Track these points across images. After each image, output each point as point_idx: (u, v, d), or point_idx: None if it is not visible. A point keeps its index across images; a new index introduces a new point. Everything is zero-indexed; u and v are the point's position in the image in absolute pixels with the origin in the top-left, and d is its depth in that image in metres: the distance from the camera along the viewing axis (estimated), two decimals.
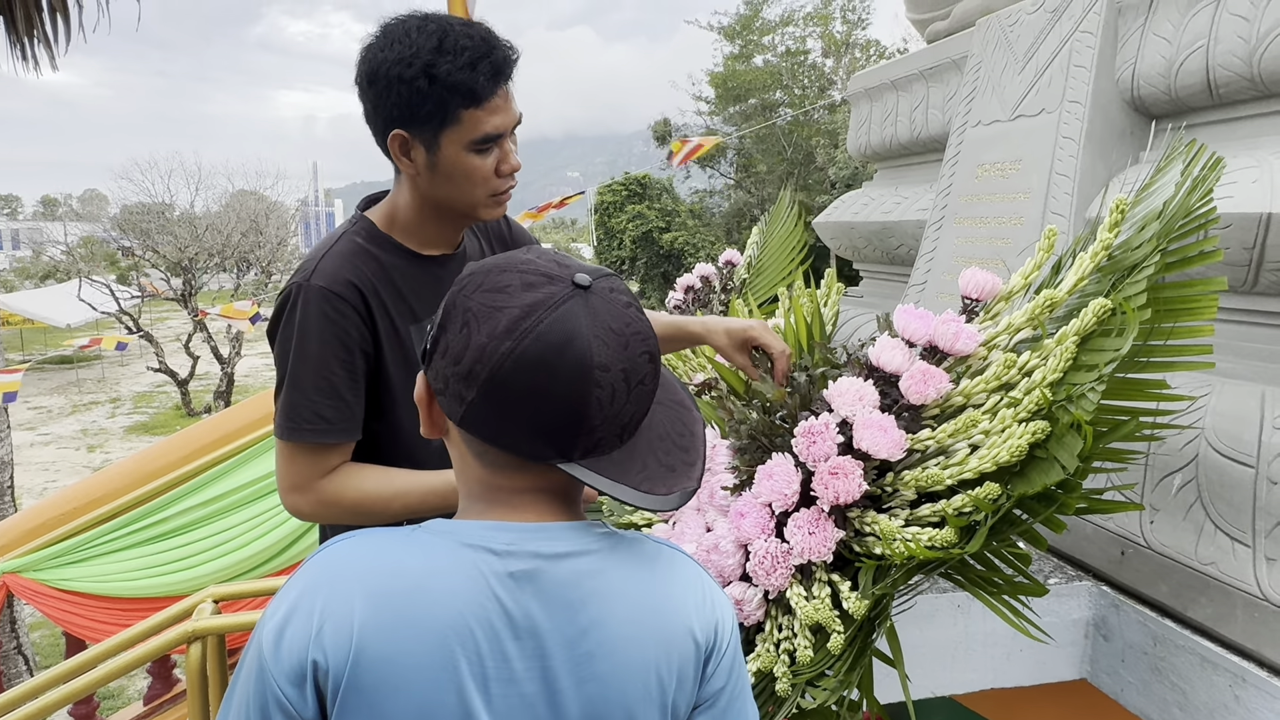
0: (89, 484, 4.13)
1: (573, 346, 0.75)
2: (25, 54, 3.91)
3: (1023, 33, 2.08)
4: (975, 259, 2.09)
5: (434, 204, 1.40)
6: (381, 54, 1.26)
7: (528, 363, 0.74)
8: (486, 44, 1.28)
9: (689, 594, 0.83)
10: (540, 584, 0.76)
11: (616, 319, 0.78)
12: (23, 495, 8.55)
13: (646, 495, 0.77)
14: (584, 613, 0.77)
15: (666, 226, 23.64)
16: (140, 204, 21.52)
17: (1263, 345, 1.45)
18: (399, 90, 1.26)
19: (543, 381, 0.74)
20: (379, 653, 0.72)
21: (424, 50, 1.24)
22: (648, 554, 0.84)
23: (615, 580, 0.79)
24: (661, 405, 0.85)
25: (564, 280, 0.78)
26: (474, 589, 0.75)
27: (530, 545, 0.78)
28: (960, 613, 1.43)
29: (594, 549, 0.80)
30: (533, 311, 0.76)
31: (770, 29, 23.00)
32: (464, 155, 1.32)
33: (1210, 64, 1.57)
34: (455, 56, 1.25)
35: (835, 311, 1.74)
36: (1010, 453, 1.03)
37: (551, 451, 0.77)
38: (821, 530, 1.12)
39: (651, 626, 0.79)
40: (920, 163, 2.79)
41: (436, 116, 1.28)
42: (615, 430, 0.77)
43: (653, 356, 0.80)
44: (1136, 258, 1.12)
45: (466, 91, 1.26)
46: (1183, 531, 1.36)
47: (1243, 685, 1.23)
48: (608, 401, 0.75)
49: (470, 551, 0.76)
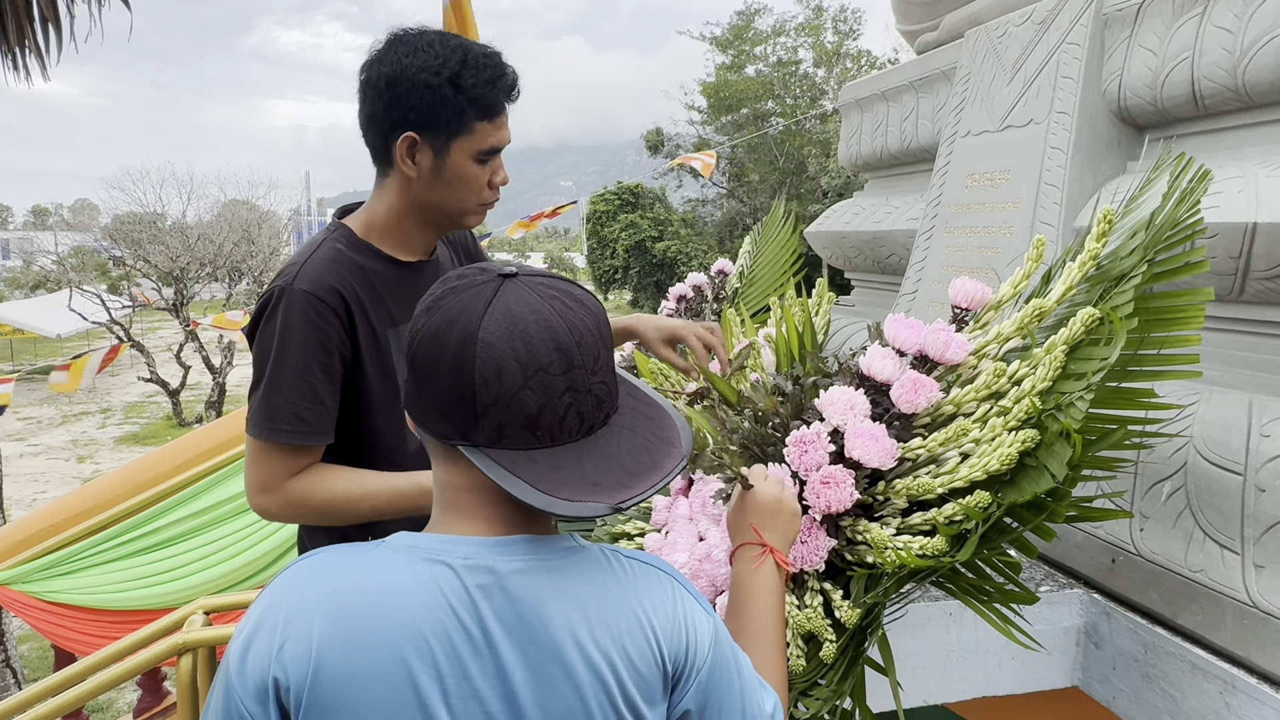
0: (79, 495, 4.11)
1: (461, 319, 0.77)
2: (16, 64, 3.90)
3: (1011, 44, 2.10)
4: (965, 268, 2.10)
5: (422, 209, 1.46)
6: (407, 59, 1.33)
7: (428, 335, 0.78)
8: (502, 66, 1.39)
9: (658, 613, 0.81)
10: (498, 599, 0.76)
11: (524, 304, 0.78)
12: (11, 506, 8.49)
13: (541, 495, 0.75)
14: (541, 628, 0.76)
15: (659, 236, 23.69)
16: (132, 213, 21.45)
17: (1250, 353, 1.46)
18: (422, 95, 1.33)
19: (435, 352, 0.77)
20: (338, 670, 0.72)
21: (451, 62, 1.33)
22: (617, 571, 0.82)
23: (574, 595, 0.78)
24: (635, 434, 0.84)
25: (498, 271, 0.81)
26: (432, 605, 0.74)
27: (487, 559, 0.77)
28: (952, 621, 1.43)
29: (554, 564, 0.79)
30: (451, 294, 0.79)
31: (762, 39, 23.14)
32: (469, 164, 1.40)
33: (1195, 75, 1.58)
34: (479, 72, 1.35)
35: (827, 321, 1.75)
36: (1000, 461, 1.04)
37: (453, 430, 0.77)
38: (813, 539, 1.13)
39: (611, 644, 0.77)
40: (911, 172, 2.80)
41: (453, 124, 1.36)
42: (521, 420, 0.76)
43: (560, 348, 0.77)
44: (1124, 267, 1.13)
45: (485, 105, 1.36)
46: (1172, 539, 1.37)
47: (1233, 692, 1.23)
48: (494, 379, 0.75)
49: (429, 566, 0.76)
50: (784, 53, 23.00)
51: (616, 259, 24.18)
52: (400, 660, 0.73)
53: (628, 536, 1.47)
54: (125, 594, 3.77)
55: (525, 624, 0.76)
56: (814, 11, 22.58)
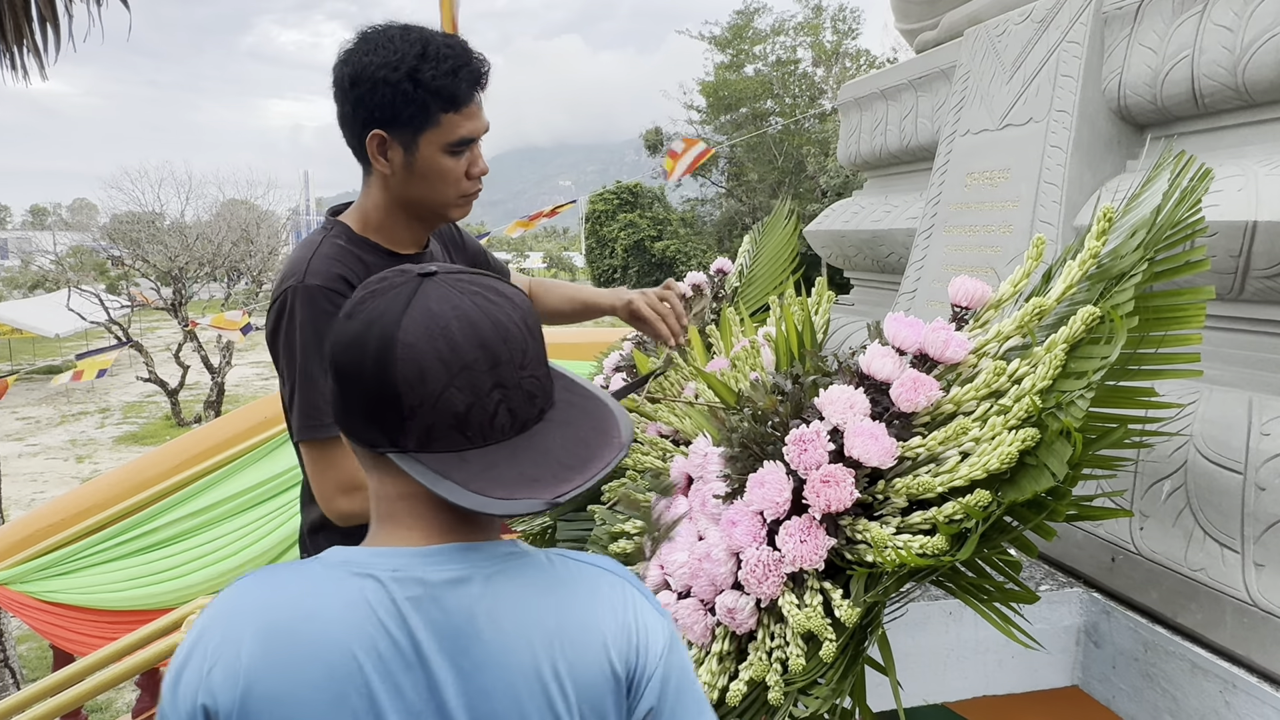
0: (77, 495, 4.11)
1: (380, 322, 0.74)
2: (15, 63, 3.89)
3: (1010, 43, 2.10)
4: (965, 267, 2.10)
5: (405, 204, 1.47)
6: (366, 58, 1.32)
7: (347, 341, 0.76)
8: (466, 54, 1.36)
9: (606, 619, 0.78)
10: (429, 613, 0.73)
11: (444, 302, 0.75)
12: (10, 506, 8.48)
13: (472, 495, 0.72)
14: (476, 641, 0.74)
15: (658, 235, 23.69)
16: (130, 213, 21.44)
17: (1250, 352, 1.46)
18: (383, 92, 1.32)
19: (356, 357, 0.75)
20: (267, 692, 0.70)
21: (409, 56, 1.31)
22: (561, 577, 0.80)
23: (513, 605, 0.76)
24: (572, 428, 0.81)
25: (417, 271, 0.79)
26: (360, 621, 0.72)
27: (416, 571, 0.75)
28: (952, 620, 1.43)
29: (489, 572, 0.76)
30: (370, 297, 0.77)
31: (761, 38, 23.13)
32: (440, 156, 1.39)
33: (1195, 74, 1.58)
34: (438, 63, 1.33)
35: (826, 320, 1.75)
36: (1000, 460, 1.04)
37: (382, 437, 0.75)
38: (813, 538, 1.13)
39: (553, 655, 0.75)
40: (910, 171, 2.80)
41: (417, 118, 1.35)
42: (449, 421, 0.74)
43: (484, 344, 0.75)
44: (1124, 266, 1.13)
45: (448, 96, 1.34)
46: (1172, 538, 1.37)
47: (1233, 691, 1.23)
48: (417, 381, 0.73)
49: (358, 581, 0.74)
50: (783, 52, 23.00)
51: (615, 258, 24.17)
52: (332, 680, 0.71)
53: (626, 535, 1.47)
54: (124, 594, 3.77)
55: (459, 636, 0.73)
56: (813, 11, 22.59)
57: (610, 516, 1.54)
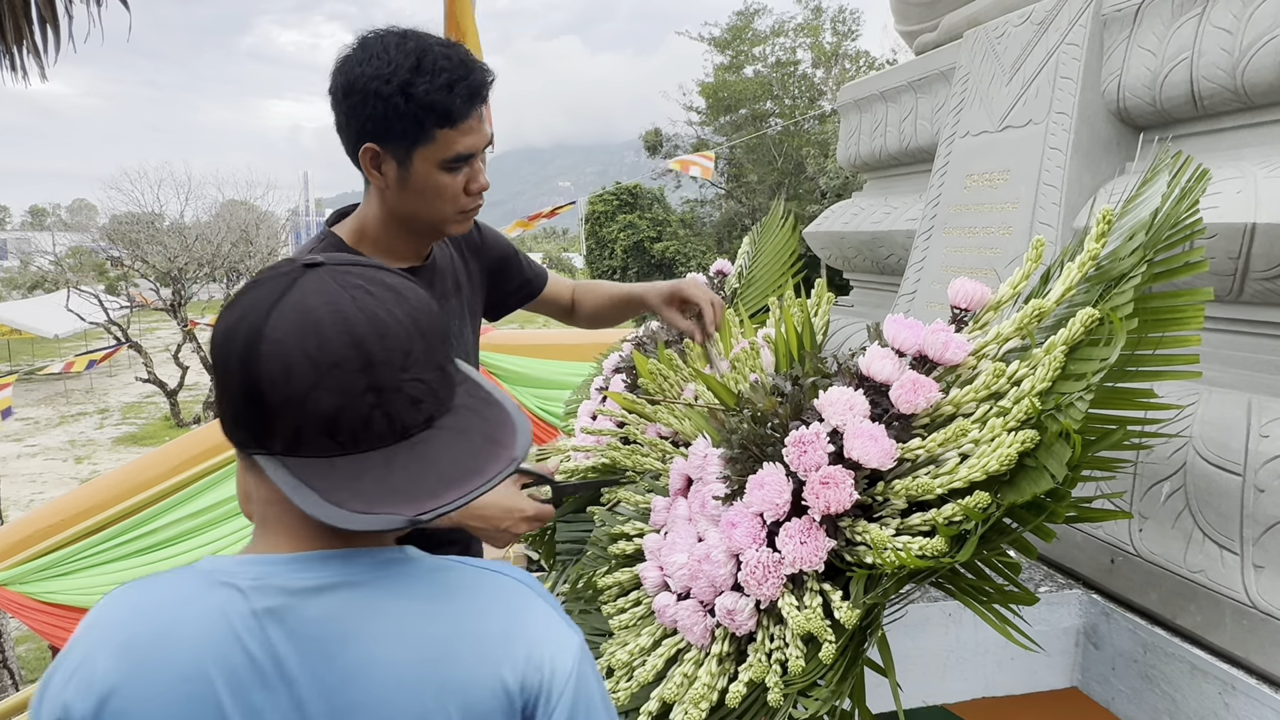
0: (76, 496, 4.11)
1: (250, 315, 0.70)
2: (14, 64, 3.89)
3: (1010, 45, 2.10)
4: (964, 268, 2.10)
5: (401, 218, 1.41)
6: (359, 68, 1.27)
7: (220, 334, 0.72)
8: (464, 66, 1.29)
9: (503, 633, 0.72)
10: (289, 624, 0.68)
11: (320, 296, 0.71)
12: (9, 507, 8.48)
13: (328, 507, 0.67)
14: (344, 656, 0.68)
15: (658, 236, 23.69)
16: (129, 214, 21.44)
17: (1249, 354, 1.46)
18: (375, 105, 1.26)
19: (225, 353, 0.71)
20: (121, 708, 0.67)
21: (402, 68, 1.25)
22: (452, 585, 0.74)
23: (387, 617, 0.70)
24: (464, 436, 0.76)
25: (303, 262, 0.74)
26: (217, 633, 0.68)
27: (277, 579, 0.70)
28: (951, 622, 1.43)
29: (362, 580, 0.71)
30: (250, 288, 0.73)
31: (761, 40, 23.14)
32: (435, 173, 1.33)
33: (1195, 76, 1.58)
34: (433, 77, 1.26)
35: (826, 321, 1.75)
36: (1000, 461, 1.04)
37: (248, 438, 0.71)
38: (813, 540, 1.13)
39: (434, 672, 0.69)
40: (909, 173, 2.80)
41: (411, 134, 1.29)
42: (317, 424, 0.69)
43: (357, 342, 0.70)
44: (1124, 267, 1.13)
45: (442, 112, 1.27)
46: (1171, 539, 1.37)
47: (1232, 693, 1.23)
48: (282, 380, 0.68)
49: (220, 590, 0.70)
50: (782, 53, 23.01)
51: (615, 259, 24.17)
52: (185, 699, 0.67)
53: (626, 537, 1.47)
54: None
55: (323, 648, 0.69)
56: (813, 12, 22.60)
57: (610, 518, 1.54)
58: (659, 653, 1.24)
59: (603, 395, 2.17)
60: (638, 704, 1.21)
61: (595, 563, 1.51)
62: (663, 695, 1.17)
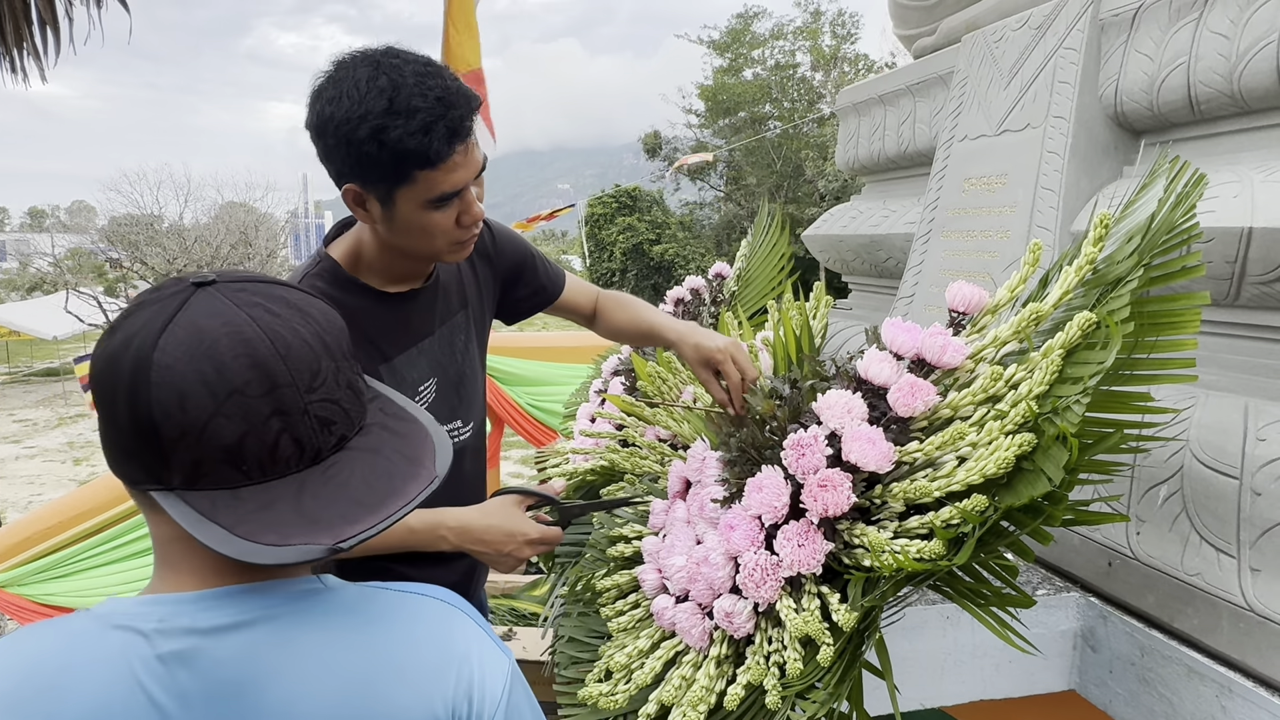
0: (75, 497, 4.10)
1: (136, 340, 0.65)
2: (14, 66, 3.89)
3: (1008, 49, 2.11)
4: (962, 272, 2.10)
5: (394, 249, 1.36)
6: (330, 108, 1.18)
7: (102, 361, 0.66)
8: (442, 104, 1.18)
9: (429, 659, 0.69)
10: (198, 667, 0.63)
11: (214, 316, 0.66)
12: (7, 509, 8.47)
13: (238, 541, 0.62)
14: (262, 698, 0.64)
15: (657, 239, 23.70)
16: (129, 215, 21.46)
17: (1246, 358, 1.46)
18: (349, 150, 1.19)
19: (110, 382, 0.65)
20: None
21: (374, 112, 1.16)
22: (372, 614, 0.70)
23: (307, 652, 0.66)
24: (378, 456, 0.72)
25: (193, 280, 0.69)
26: (116, 681, 0.62)
27: (183, 620, 0.64)
28: (949, 624, 1.43)
29: (277, 615, 0.66)
30: (135, 310, 0.67)
31: (760, 43, 23.18)
32: (420, 212, 1.26)
33: (1192, 80, 1.59)
34: (408, 119, 1.16)
35: (824, 324, 1.75)
36: (997, 465, 1.04)
37: (142, 473, 0.65)
38: (811, 542, 1.13)
39: (361, 707, 0.65)
40: (908, 176, 2.81)
41: (390, 177, 1.21)
42: (219, 454, 0.64)
43: (259, 364, 0.65)
44: (1120, 271, 1.14)
45: (423, 154, 1.18)
46: (1169, 542, 1.37)
47: (1229, 696, 1.24)
48: (176, 409, 0.63)
49: (118, 635, 0.64)
50: (781, 56, 23.05)
51: (614, 261, 24.18)
52: None
53: (625, 539, 1.48)
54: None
55: (237, 692, 0.64)
56: (812, 15, 22.64)
57: (609, 520, 1.55)
58: (657, 655, 1.24)
59: (601, 398, 2.17)
60: (636, 706, 1.21)
61: (594, 565, 1.52)
62: (661, 698, 1.18)
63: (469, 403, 1.58)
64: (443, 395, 1.51)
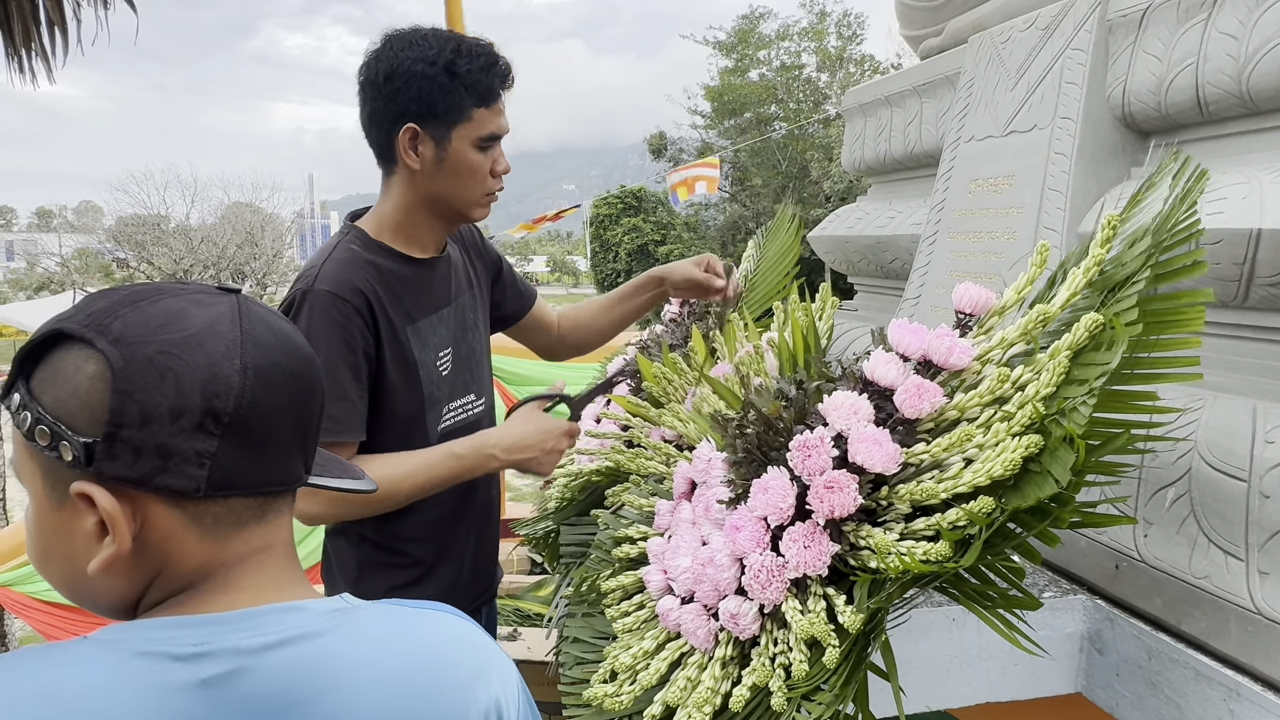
0: None
1: (293, 340, 0.69)
2: (22, 67, 3.91)
3: (1015, 50, 2.10)
4: (969, 273, 2.10)
5: (429, 201, 1.48)
6: (403, 53, 1.37)
7: (265, 370, 0.64)
8: (494, 54, 1.42)
9: (463, 666, 0.70)
10: (247, 688, 0.61)
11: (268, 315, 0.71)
12: (14, 508, 8.50)
13: (350, 480, 0.74)
14: (311, 715, 0.62)
15: (662, 239, 23.72)
16: (135, 216, 21.55)
17: (1254, 360, 1.46)
18: (420, 85, 1.36)
19: (285, 383, 0.66)
20: None
21: (445, 50, 1.37)
22: (406, 628, 0.71)
23: (352, 666, 0.65)
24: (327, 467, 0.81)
25: (217, 289, 0.70)
26: (148, 710, 0.58)
27: (229, 640, 0.62)
28: (955, 626, 1.43)
29: (322, 629, 0.66)
30: (220, 320, 0.65)
31: (766, 44, 23.17)
32: (470, 151, 1.43)
33: (1200, 81, 1.58)
34: (472, 59, 1.38)
35: (830, 325, 1.75)
36: (1004, 466, 1.04)
37: (300, 465, 0.69)
38: (817, 544, 1.13)
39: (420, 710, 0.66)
40: (914, 177, 2.80)
41: (452, 112, 1.39)
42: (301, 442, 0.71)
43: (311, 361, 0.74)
44: (1127, 271, 1.13)
45: (483, 90, 1.40)
46: (1176, 545, 1.37)
47: (1237, 699, 1.23)
48: (321, 390, 0.72)
49: (144, 662, 0.60)
50: (787, 57, 23.04)
51: (619, 262, 24.19)
52: None
53: (630, 540, 1.47)
54: None
55: (290, 707, 0.62)
56: (817, 16, 22.63)
57: (614, 521, 1.55)
58: (662, 656, 1.24)
59: (606, 398, 2.17)
60: (641, 707, 1.21)
61: (599, 566, 1.52)
62: (666, 699, 1.17)
63: (479, 378, 1.69)
64: (457, 367, 1.61)
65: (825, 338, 1.68)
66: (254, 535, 0.67)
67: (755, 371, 1.66)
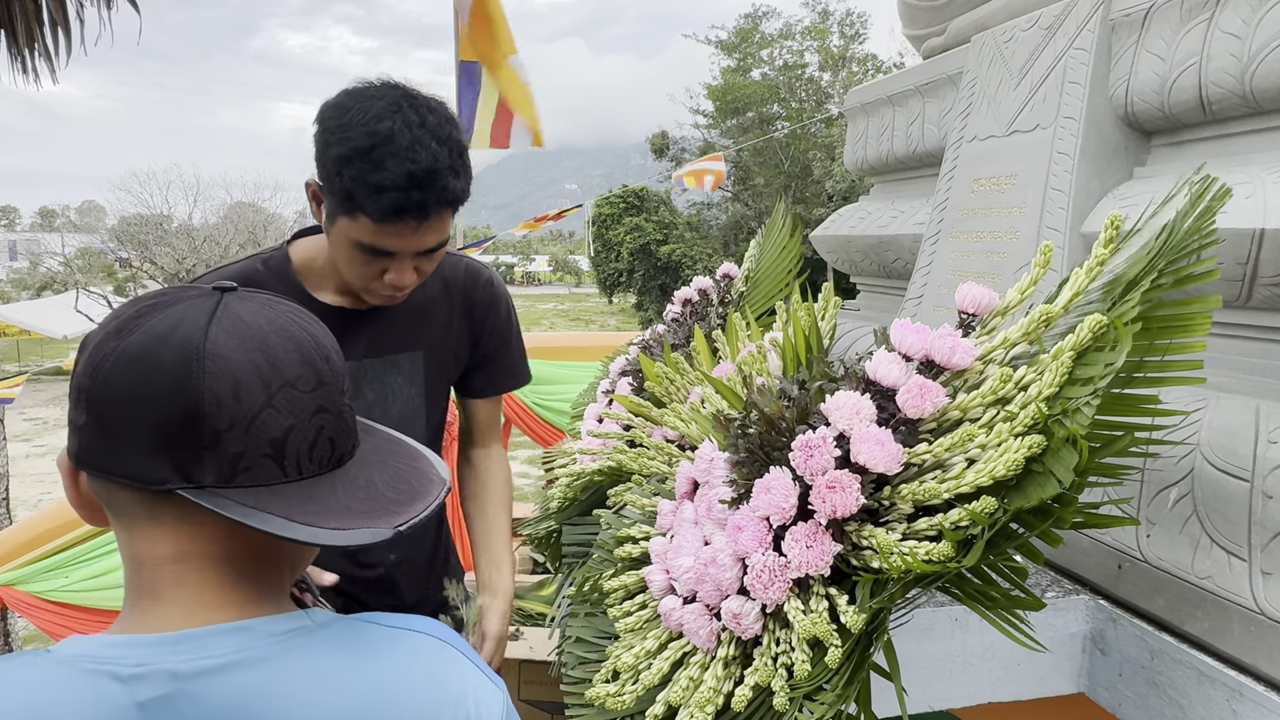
0: None
1: (179, 330, 0.62)
2: (25, 66, 3.92)
3: (1017, 49, 2.10)
4: (971, 273, 2.10)
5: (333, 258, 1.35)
6: (331, 113, 1.22)
7: (129, 357, 0.61)
8: (412, 179, 1.18)
9: (424, 698, 0.66)
10: (183, 713, 0.59)
11: (256, 315, 0.65)
12: (18, 507, 8.52)
13: (302, 527, 0.61)
14: None
15: (664, 239, 23.72)
16: (138, 215, 21.59)
17: (1257, 360, 1.45)
18: (322, 154, 1.22)
19: (143, 375, 0.61)
20: None
21: (354, 139, 1.17)
22: (367, 652, 0.67)
23: (296, 695, 0.61)
24: (387, 466, 0.72)
25: (214, 286, 0.68)
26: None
27: (165, 662, 0.60)
28: (958, 626, 1.43)
29: (266, 655, 0.62)
30: (152, 310, 0.64)
31: (768, 43, 23.17)
32: (347, 246, 1.26)
33: (1203, 81, 1.58)
34: (374, 170, 1.17)
35: (833, 325, 1.75)
36: (1006, 467, 1.04)
37: (172, 471, 0.61)
38: (819, 544, 1.13)
39: None
40: (916, 177, 2.80)
41: (337, 201, 1.23)
42: (264, 448, 0.63)
43: (308, 360, 0.66)
44: (1133, 273, 1.13)
45: (377, 209, 1.20)
46: (1179, 545, 1.36)
47: (1240, 699, 1.23)
48: (229, 398, 0.61)
49: (90, 682, 0.59)
50: (790, 56, 23.03)
51: (621, 262, 24.20)
52: None
53: (632, 540, 1.48)
54: None
55: None
56: (820, 15, 22.61)
57: (616, 521, 1.55)
58: (665, 656, 1.24)
59: (609, 398, 2.17)
60: (643, 707, 1.21)
61: (601, 565, 1.52)
62: (668, 698, 1.18)
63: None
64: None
65: (827, 337, 1.68)
66: (154, 537, 0.64)
67: (758, 371, 1.66)
